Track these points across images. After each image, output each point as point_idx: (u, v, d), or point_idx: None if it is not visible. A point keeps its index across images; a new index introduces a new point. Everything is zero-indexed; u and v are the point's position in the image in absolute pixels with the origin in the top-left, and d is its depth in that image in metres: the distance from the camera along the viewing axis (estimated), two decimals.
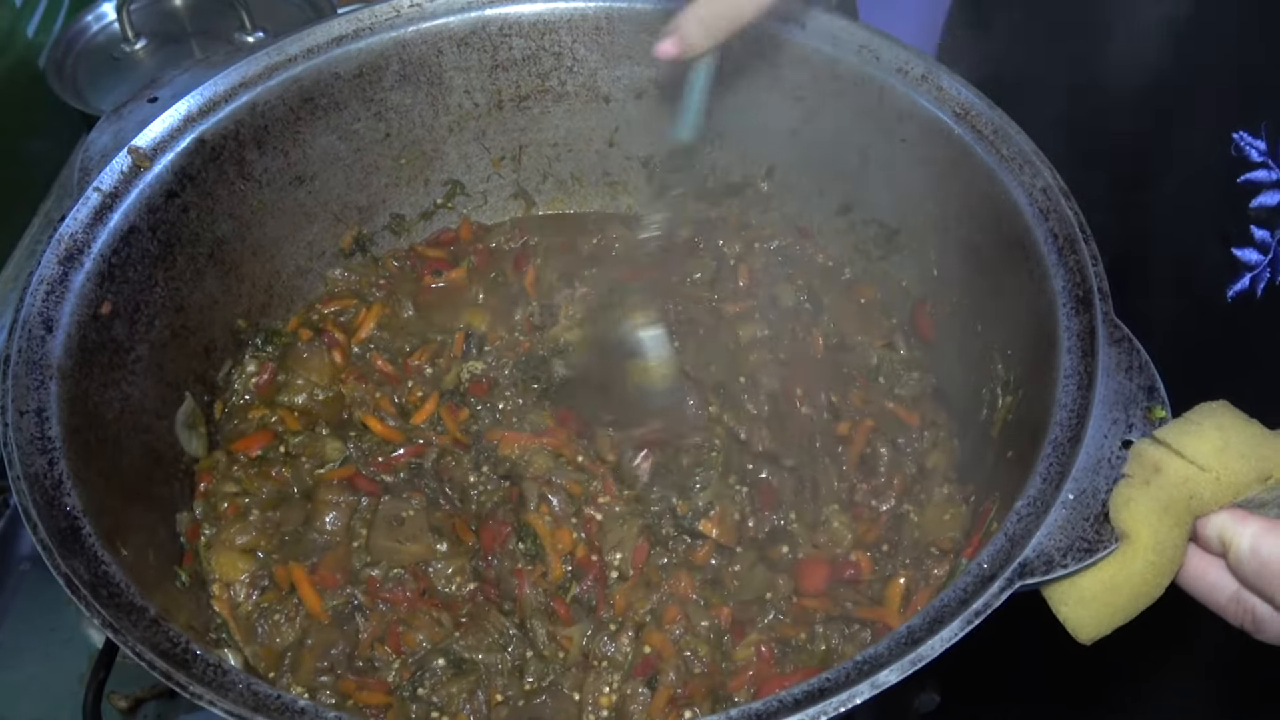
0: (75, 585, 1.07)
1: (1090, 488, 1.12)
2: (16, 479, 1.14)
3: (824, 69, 1.64)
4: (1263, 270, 1.37)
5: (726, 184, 1.86)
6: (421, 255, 1.85)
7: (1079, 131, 1.49)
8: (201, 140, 1.52)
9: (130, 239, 1.43)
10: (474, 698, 1.30)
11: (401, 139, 1.77)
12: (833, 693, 0.99)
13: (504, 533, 1.43)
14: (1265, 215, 1.36)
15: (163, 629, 1.06)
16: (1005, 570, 1.06)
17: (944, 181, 1.56)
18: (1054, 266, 1.33)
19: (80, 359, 1.31)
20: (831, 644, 1.36)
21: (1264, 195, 1.36)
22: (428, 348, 1.70)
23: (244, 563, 1.43)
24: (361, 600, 1.40)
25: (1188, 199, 1.46)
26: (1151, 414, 1.18)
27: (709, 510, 1.43)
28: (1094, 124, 1.57)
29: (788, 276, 1.76)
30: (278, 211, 1.67)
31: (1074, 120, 1.53)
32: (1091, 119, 1.57)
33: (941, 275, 1.62)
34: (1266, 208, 1.36)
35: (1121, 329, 1.25)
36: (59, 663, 1.72)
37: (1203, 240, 1.44)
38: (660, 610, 1.37)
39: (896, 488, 1.49)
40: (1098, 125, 1.57)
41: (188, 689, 1.00)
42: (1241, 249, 1.38)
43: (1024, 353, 1.38)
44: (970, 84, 1.53)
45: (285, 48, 1.61)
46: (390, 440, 1.57)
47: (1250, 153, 1.36)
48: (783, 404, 1.56)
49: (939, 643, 1.02)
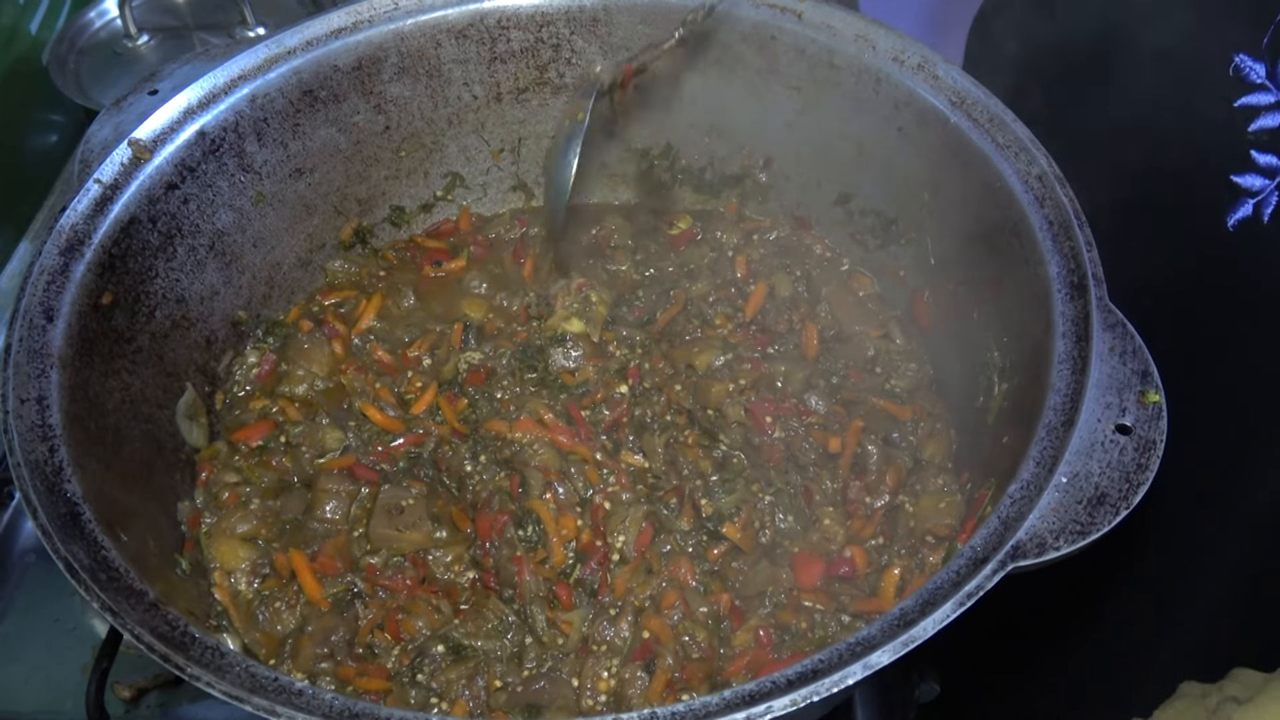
0: (75, 569, 1.08)
1: (1084, 471, 1.13)
2: (17, 465, 1.15)
3: (820, 59, 1.65)
4: (1270, 194, 1.33)
5: (724, 175, 1.87)
6: (421, 246, 1.86)
7: (1074, 53, 1.48)
8: (201, 133, 1.53)
9: (131, 230, 1.44)
10: (473, 683, 1.31)
11: (401, 131, 1.78)
12: (825, 673, 1.00)
13: (501, 521, 1.44)
14: (1267, 138, 1.33)
15: (161, 612, 1.07)
16: (998, 553, 1.07)
17: (940, 170, 1.56)
18: (1049, 252, 1.34)
19: (81, 348, 1.32)
20: (829, 631, 1.36)
21: (1264, 118, 1.33)
22: (426, 338, 1.71)
23: (245, 551, 1.44)
24: (361, 587, 1.41)
25: (1183, 123, 1.43)
26: (1145, 398, 1.18)
27: (734, 515, 1.44)
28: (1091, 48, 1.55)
29: (785, 267, 1.76)
30: (278, 203, 1.68)
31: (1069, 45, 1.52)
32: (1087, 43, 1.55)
33: (939, 264, 1.63)
34: (1268, 130, 1.33)
35: (1115, 314, 1.26)
36: (62, 653, 1.72)
37: (1201, 167, 1.40)
38: (659, 596, 1.38)
39: (889, 484, 1.49)
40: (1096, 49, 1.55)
41: (186, 670, 1.01)
42: (1242, 175, 1.35)
43: (1019, 339, 1.38)
44: (966, 72, 1.53)
45: (284, 40, 1.62)
46: (390, 430, 1.58)
47: (1250, 74, 1.33)
48: (753, 432, 1.54)
49: (931, 624, 1.03)
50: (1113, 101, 1.43)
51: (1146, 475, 1.13)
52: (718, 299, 1.73)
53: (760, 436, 1.52)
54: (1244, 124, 1.35)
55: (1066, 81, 1.56)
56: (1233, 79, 1.34)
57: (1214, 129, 1.37)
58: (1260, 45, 1.32)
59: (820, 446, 1.52)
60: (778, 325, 1.69)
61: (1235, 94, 1.35)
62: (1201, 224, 1.40)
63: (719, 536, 1.44)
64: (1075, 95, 1.58)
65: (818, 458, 1.52)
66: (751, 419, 1.53)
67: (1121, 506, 1.11)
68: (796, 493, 1.48)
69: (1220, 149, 1.37)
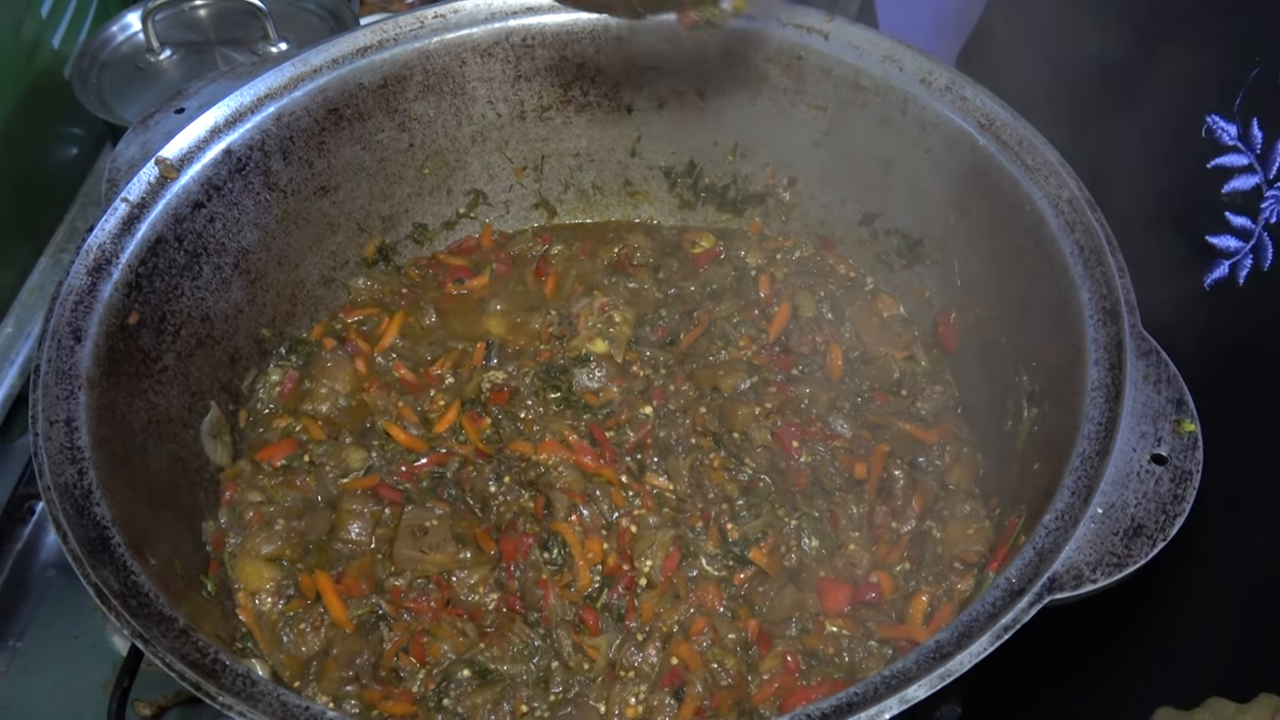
0: (105, 595, 1.07)
1: (1119, 502, 1.12)
2: (47, 489, 1.15)
3: (847, 79, 1.64)
4: (1244, 257, 1.34)
5: (748, 194, 1.87)
6: (443, 263, 1.85)
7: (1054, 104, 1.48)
8: (228, 151, 1.53)
9: (157, 249, 1.44)
10: (499, 708, 1.30)
11: (425, 149, 1.77)
12: (860, 707, 0.99)
13: (526, 543, 1.43)
14: (1241, 201, 1.34)
15: (192, 639, 1.07)
16: (1034, 584, 1.06)
17: (968, 192, 1.56)
18: (1080, 278, 1.33)
19: (108, 369, 1.32)
20: (856, 657, 1.35)
21: (1237, 179, 1.33)
22: (449, 356, 1.70)
23: (269, 571, 1.43)
24: (386, 609, 1.40)
25: (1154, 183, 1.44)
26: (1180, 427, 1.17)
27: (760, 539, 1.43)
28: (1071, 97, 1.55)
29: (809, 287, 1.76)
30: (302, 221, 1.68)
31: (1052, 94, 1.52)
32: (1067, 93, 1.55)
33: (965, 286, 1.62)
34: (1241, 192, 1.33)
35: (1149, 341, 1.25)
36: (83, 669, 1.72)
37: (1175, 227, 1.41)
38: (688, 622, 1.37)
39: (916, 509, 1.48)
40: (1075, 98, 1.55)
41: (217, 699, 1.00)
42: (1217, 236, 1.36)
43: (1049, 364, 1.37)
44: (994, 94, 1.53)
45: (310, 58, 1.62)
46: (413, 449, 1.58)
47: (1222, 136, 1.34)
48: (780, 456, 1.53)
49: (968, 657, 1.02)
50: (1082, 157, 1.43)
51: (1183, 506, 1.12)
52: (741, 320, 1.72)
53: (786, 460, 1.51)
54: (1217, 185, 1.35)
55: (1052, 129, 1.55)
56: (1205, 140, 1.35)
57: (1187, 189, 1.38)
58: (1232, 107, 1.32)
59: (846, 471, 1.51)
60: (801, 346, 1.68)
61: (1209, 155, 1.36)
62: (1179, 283, 1.40)
63: (745, 561, 1.43)
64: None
65: (843, 482, 1.51)
66: (778, 443, 1.52)
67: (1159, 538, 1.10)
68: (822, 517, 1.47)
69: (1194, 209, 1.38)
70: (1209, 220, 1.36)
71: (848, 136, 1.70)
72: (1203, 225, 1.37)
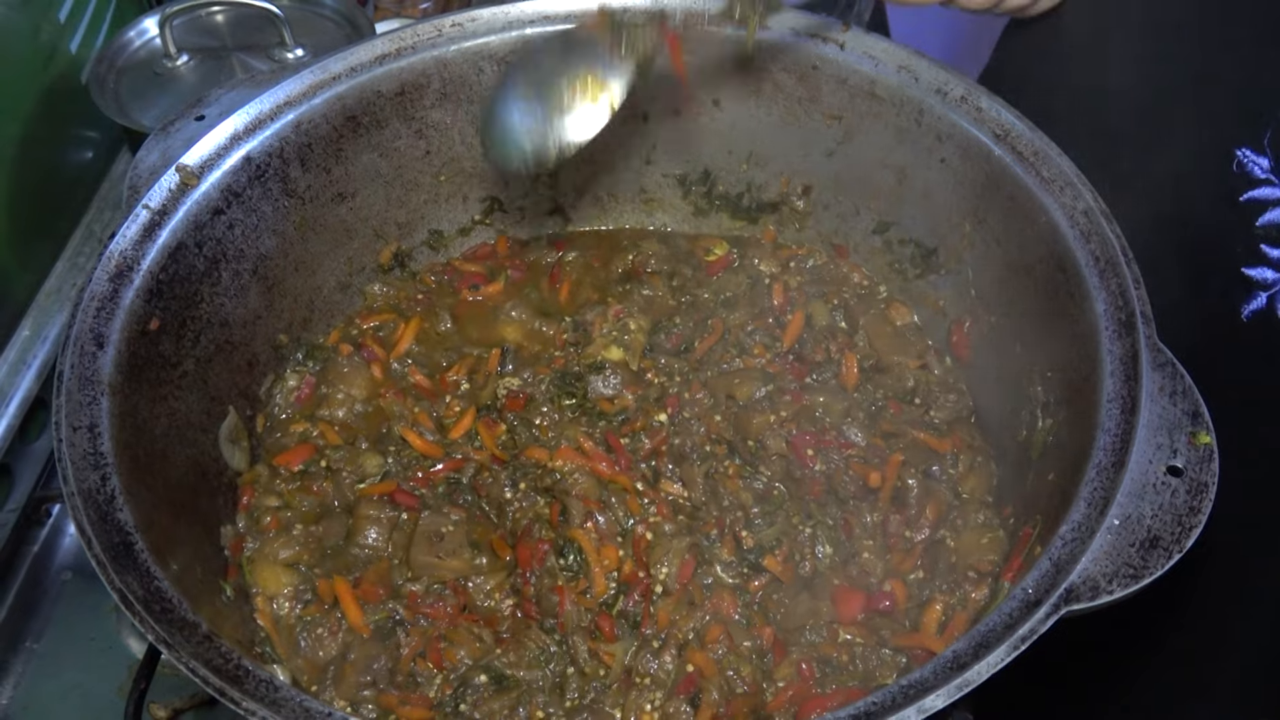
0: (130, 601, 1.08)
1: (1135, 513, 1.13)
2: (71, 495, 1.16)
3: (862, 89, 1.65)
4: None
5: (762, 202, 1.87)
6: (459, 270, 1.86)
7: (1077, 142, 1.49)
8: (247, 158, 1.54)
9: (178, 255, 1.45)
10: (515, 714, 1.31)
11: (441, 156, 1.78)
12: (879, 717, 1.00)
13: (542, 550, 1.44)
14: (1276, 233, 1.35)
15: (215, 644, 1.08)
16: (1051, 595, 1.07)
17: (983, 202, 1.56)
18: (1095, 289, 1.34)
19: (130, 374, 1.33)
20: (870, 666, 1.36)
21: (1271, 212, 1.34)
22: (464, 362, 1.71)
23: (287, 576, 1.44)
24: (403, 615, 1.41)
25: (1190, 216, 1.45)
26: (1196, 439, 1.18)
27: (774, 547, 1.44)
28: (1095, 130, 1.56)
29: (823, 295, 1.76)
30: (320, 228, 1.69)
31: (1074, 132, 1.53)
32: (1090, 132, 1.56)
33: (979, 296, 1.62)
34: (1277, 225, 1.34)
35: (1164, 353, 1.26)
36: (98, 672, 1.73)
37: (1210, 259, 1.42)
38: (703, 630, 1.38)
39: (930, 518, 1.48)
40: (1099, 130, 1.56)
41: (241, 705, 1.01)
42: (1253, 268, 1.37)
43: (1065, 375, 1.38)
44: (1010, 105, 1.53)
45: (329, 66, 1.63)
46: (429, 455, 1.59)
47: (1253, 169, 1.35)
48: (795, 465, 1.54)
49: (985, 668, 1.03)
50: (1114, 191, 1.44)
51: (1199, 518, 1.13)
52: (755, 328, 1.73)
53: (801, 469, 1.52)
54: (1251, 218, 1.36)
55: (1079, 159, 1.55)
56: (1237, 174, 1.36)
57: (1221, 222, 1.39)
58: (1262, 140, 1.33)
59: (860, 479, 1.52)
60: (815, 354, 1.69)
61: (1241, 188, 1.36)
62: (1214, 314, 1.41)
63: (760, 568, 1.44)
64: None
65: (857, 490, 1.51)
66: (792, 451, 1.53)
67: (1174, 550, 1.10)
68: (836, 525, 1.48)
69: (1229, 242, 1.39)
70: (1245, 253, 1.37)
71: (862, 146, 1.71)
72: (1238, 258, 1.38)
